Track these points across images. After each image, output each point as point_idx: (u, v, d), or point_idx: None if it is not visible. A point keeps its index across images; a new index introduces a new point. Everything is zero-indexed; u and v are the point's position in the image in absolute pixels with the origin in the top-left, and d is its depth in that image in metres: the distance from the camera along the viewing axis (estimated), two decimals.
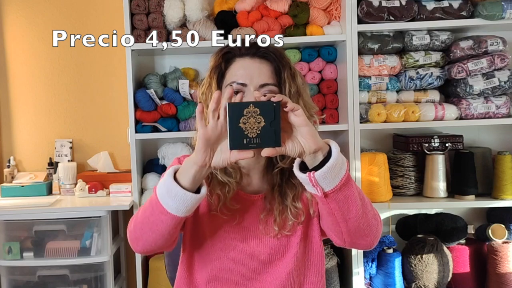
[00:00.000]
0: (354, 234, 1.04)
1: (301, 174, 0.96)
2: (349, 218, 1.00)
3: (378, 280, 2.20)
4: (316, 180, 0.94)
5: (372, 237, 1.06)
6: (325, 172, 0.93)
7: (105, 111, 2.60)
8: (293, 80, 1.12)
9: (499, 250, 2.15)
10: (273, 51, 1.13)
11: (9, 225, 2.18)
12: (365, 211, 1.01)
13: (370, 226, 1.04)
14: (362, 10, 2.11)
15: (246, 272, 1.15)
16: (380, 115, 2.16)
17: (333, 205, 0.99)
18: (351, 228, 1.02)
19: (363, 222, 1.02)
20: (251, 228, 1.16)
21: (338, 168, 0.94)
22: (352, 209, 0.99)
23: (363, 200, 1.02)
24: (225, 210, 1.14)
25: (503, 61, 2.14)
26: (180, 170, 0.99)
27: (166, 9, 2.18)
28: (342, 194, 0.97)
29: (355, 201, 0.99)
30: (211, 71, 1.16)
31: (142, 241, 1.06)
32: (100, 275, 2.21)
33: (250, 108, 0.91)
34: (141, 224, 1.04)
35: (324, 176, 0.93)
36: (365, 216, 1.02)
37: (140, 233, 1.05)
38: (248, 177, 1.18)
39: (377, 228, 1.06)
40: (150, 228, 1.02)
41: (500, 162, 2.17)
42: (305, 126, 0.93)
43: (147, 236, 1.04)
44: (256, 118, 0.91)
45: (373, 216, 1.05)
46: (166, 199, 0.98)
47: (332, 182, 0.95)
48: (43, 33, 2.57)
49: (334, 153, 0.94)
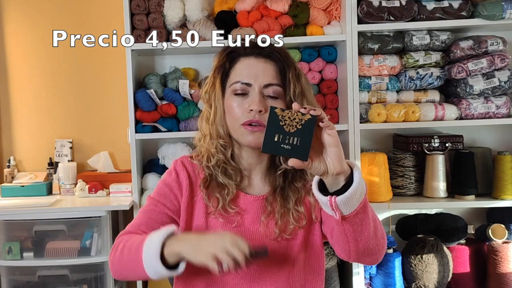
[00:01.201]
0: (362, 253, 1.04)
1: (321, 196, 0.96)
2: (361, 239, 1.01)
3: (378, 280, 2.20)
4: (336, 204, 0.94)
5: (378, 255, 1.07)
6: (347, 197, 0.93)
7: (105, 111, 2.60)
8: (298, 81, 1.11)
9: (499, 250, 2.15)
10: (278, 51, 1.12)
11: (9, 225, 2.18)
12: (376, 232, 1.02)
13: (378, 245, 1.04)
14: (362, 10, 2.11)
15: (246, 275, 1.13)
16: (380, 115, 2.16)
17: (348, 227, 0.99)
18: (360, 248, 1.03)
19: (372, 243, 1.02)
20: (251, 230, 1.15)
21: (359, 194, 0.94)
22: (365, 231, 0.99)
23: (375, 221, 1.02)
24: (224, 212, 1.13)
25: (503, 61, 2.13)
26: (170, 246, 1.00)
27: (166, 9, 2.18)
28: (358, 218, 0.97)
29: (369, 224, 0.99)
30: (215, 70, 1.15)
31: (122, 277, 1.14)
32: (100, 275, 2.21)
33: (290, 113, 0.92)
34: (124, 266, 1.09)
35: (345, 202, 0.93)
36: (376, 236, 1.02)
37: (122, 272, 1.11)
38: (249, 178, 1.18)
39: (383, 247, 1.07)
40: (132, 274, 1.10)
41: (500, 162, 2.16)
42: (336, 147, 0.92)
43: (128, 276, 1.14)
44: (294, 123, 0.91)
45: (382, 236, 1.05)
46: (150, 270, 1.02)
47: (351, 207, 0.95)
48: (43, 33, 2.57)
49: (357, 178, 0.93)
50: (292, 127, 0.91)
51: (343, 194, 0.92)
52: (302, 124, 0.91)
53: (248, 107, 1.08)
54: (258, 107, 1.07)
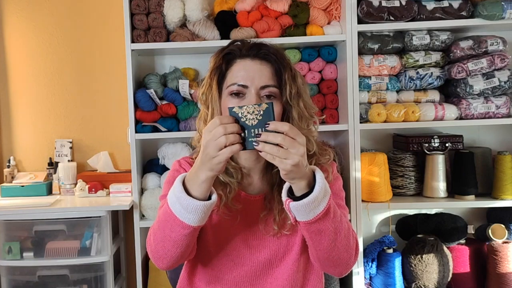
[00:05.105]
0: (323, 262, 1.06)
1: (284, 195, 0.99)
2: (320, 249, 1.02)
3: (378, 280, 2.20)
4: (289, 208, 0.96)
5: (341, 268, 1.08)
6: (301, 205, 0.94)
7: (105, 111, 2.60)
8: (294, 81, 1.12)
9: (499, 250, 2.15)
10: (274, 53, 1.13)
11: (9, 225, 2.18)
12: (337, 245, 1.02)
13: (340, 259, 1.05)
14: (362, 10, 2.11)
15: (246, 273, 1.15)
16: (380, 115, 2.16)
17: (304, 233, 1.02)
18: (320, 256, 1.05)
19: (333, 255, 1.03)
20: (251, 228, 1.16)
21: (316, 204, 0.95)
22: (323, 242, 1.00)
23: (339, 233, 1.01)
24: (226, 210, 1.14)
25: (503, 61, 2.13)
26: (191, 183, 0.99)
27: (166, 9, 2.18)
28: (315, 227, 0.98)
29: (328, 235, 1.00)
30: (211, 72, 1.16)
31: (168, 258, 1.05)
32: (100, 275, 2.21)
33: (248, 108, 0.95)
34: (163, 243, 1.03)
35: (298, 209, 0.95)
36: (336, 249, 1.02)
37: (164, 251, 1.04)
38: (249, 177, 1.19)
39: (348, 261, 1.06)
40: (173, 244, 1.02)
41: (500, 162, 2.17)
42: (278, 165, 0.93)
43: (172, 253, 1.04)
44: (254, 116, 0.95)
45: (346, 249, 1.04)
46: (184, 214, 0.98)
47: (307, 216, 0.96)
48: (43, 33, 2.57)
49: (316, 190, 0.94)
50: (253, 120, 0.94)
51: (296, 201, 0.95)
52: (261, 114, 0.94)
53: None
54: None
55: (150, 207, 2.21)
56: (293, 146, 0.90)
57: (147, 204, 2.22)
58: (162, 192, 1.19)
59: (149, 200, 2.21)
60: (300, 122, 1.12)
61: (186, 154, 2.25)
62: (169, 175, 1.21)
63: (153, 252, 1.06)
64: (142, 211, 2.24)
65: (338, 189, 1.20)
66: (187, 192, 0.98)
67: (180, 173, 1.18)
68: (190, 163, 1.21)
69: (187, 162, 1.21)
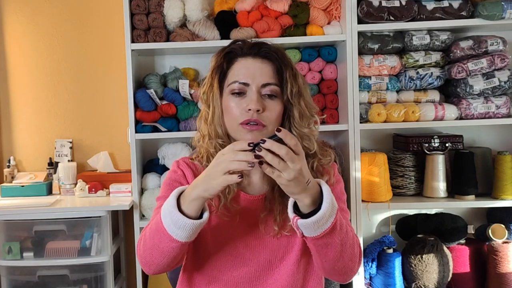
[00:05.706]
0: (328, 272, 1.07)
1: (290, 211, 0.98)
2: (325, 260, 1.02)
3: (378, 280, 2.20)
4: (297, 225, 0.96)
5: (346, 276, 1.08)
6: (309, 223, 0.94)
7: (105, 111, 2.60)
8: (295, 80, 1.12)
9: (499, 250, 2.15)
10: (275, 51, 1.13)
11: (9, 225, 2.18)
12: (342, 255, 1.02)
13: (345, 268, 1.05)
14: (362, 10, 2.11)
15: (246, 273, 1.14)
16: (380, 115, 2.16)
17: (311, 246, 1.01)
18: (326, 267, 1.05)
19: (338, 265, 1.03)
20: (251, 229, 1.16)
21: (324, 221, 0.94)
22: (329, 254, 1.00)
23: (344, 244, 1.01)
24: (226, 211, 1.14)
25: (503, 61, 2.13)
26: (185, 199, 0.99)
27: (166, 9, 2.18)
28: (322, 241, 0.98)
29: (335, 248, 0.99)
30: (212, 71, 1.16)
31: (154, 266, 1.06)
32: (100, 275, 2.21)
33: None
34: (150, 250, 1.04)
35: (305, 226, 0.95)
36: (342, 260, 1.02)
37: (151, 258, 1.05)
38: (249, 178, 1.18)
39: (352, 270, 1.07)
40: (160, 254, 1.03)
41: (500, 162, 2.16)
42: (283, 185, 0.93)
43: (159, 261, 1.04)
44: None
45: (351, 258, 1.04)
46: (173, 229, 0.98)
47: (314, 232, 0.96)
48: (43, 33, 2.57)
49: (323, 208, 0.93)
50: None
51: (304, 219, 0.94)
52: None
53: (246, 107, 1.09)
54: (256, 106, 1.07)
55: (150, 207, 2.21)
56: (293, 161, 0.90)
57: (147, 204, 2.22)
58: (159, 193, 1.19)
59: (149, 200, 2.21)
60: (301, 121, 1.12)
61: (186, 154, 2.25)
62: (167, 176, 1.21)
63: (141, 257, 1.07)
64: (142, 211, 2.25)
65: (340, 192, 1.19)
66: (180, 207, 0.98)
67: (177, 174, 1.18)
68: (189, 163, 1.21)
69: (186, 163, 1.21)
